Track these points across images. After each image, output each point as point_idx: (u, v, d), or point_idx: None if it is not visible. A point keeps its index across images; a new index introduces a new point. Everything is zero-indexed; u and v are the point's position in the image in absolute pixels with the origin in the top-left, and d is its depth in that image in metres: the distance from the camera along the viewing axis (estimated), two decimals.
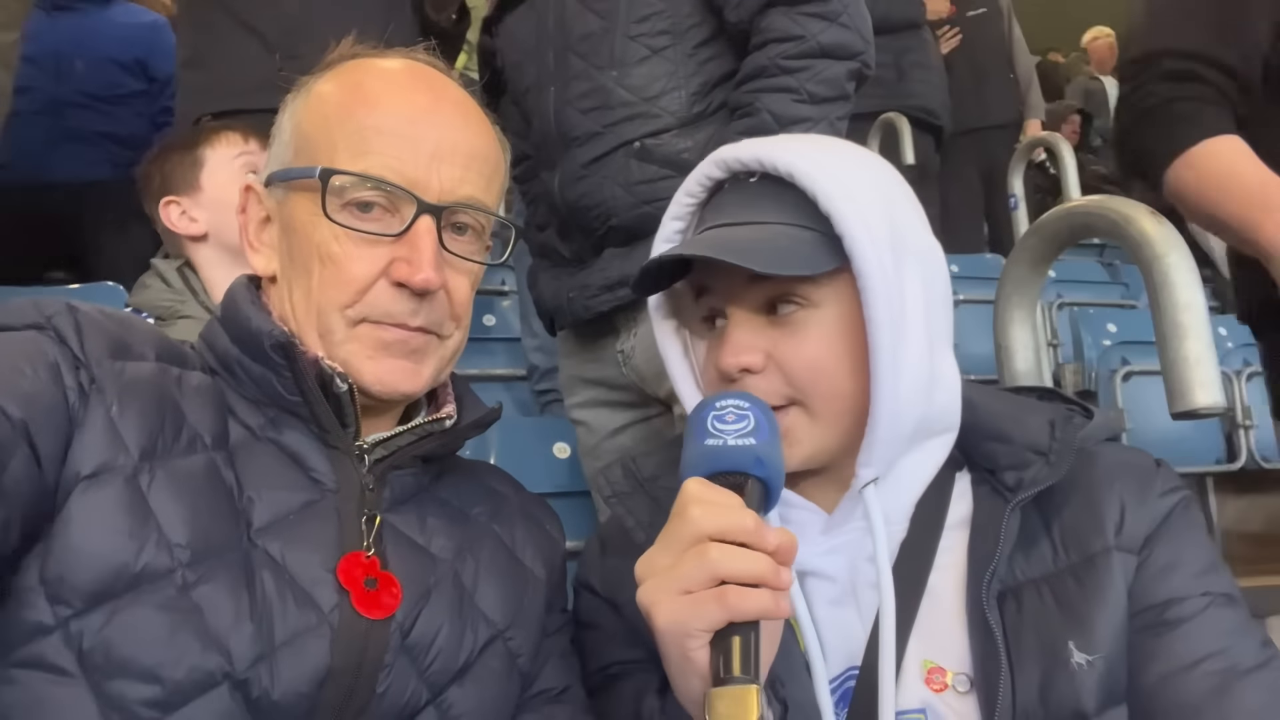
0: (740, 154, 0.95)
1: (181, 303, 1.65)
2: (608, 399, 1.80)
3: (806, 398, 0.90)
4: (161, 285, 1.70)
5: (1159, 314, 1.17)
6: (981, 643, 0.87)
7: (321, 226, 0.86)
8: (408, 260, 0.85)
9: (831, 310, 0.91)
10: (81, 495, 0.74)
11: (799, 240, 0.90)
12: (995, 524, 0.90)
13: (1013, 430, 0.95)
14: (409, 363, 0.88)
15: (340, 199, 0.86)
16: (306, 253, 0.88)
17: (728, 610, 0.70)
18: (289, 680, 0.75)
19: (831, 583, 0.93)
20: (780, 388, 0.90)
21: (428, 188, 0.87)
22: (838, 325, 0.91)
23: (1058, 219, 1.32)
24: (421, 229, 0.86)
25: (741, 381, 0.90)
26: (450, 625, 0.86)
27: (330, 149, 0.87)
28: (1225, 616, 0.88)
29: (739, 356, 0.90)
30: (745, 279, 0.90)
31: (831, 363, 0.90)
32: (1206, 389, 1.13)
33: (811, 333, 0.91)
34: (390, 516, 0.88)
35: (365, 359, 0.86)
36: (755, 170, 0.95)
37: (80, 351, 0.79)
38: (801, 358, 0.90)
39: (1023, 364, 1.36)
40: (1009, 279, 1.38)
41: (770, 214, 0.92)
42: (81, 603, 0.71)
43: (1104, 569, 0.89)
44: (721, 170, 0.98)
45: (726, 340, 0.92)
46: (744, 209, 0.94)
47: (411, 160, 0.86)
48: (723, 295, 0.94)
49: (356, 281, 0.86)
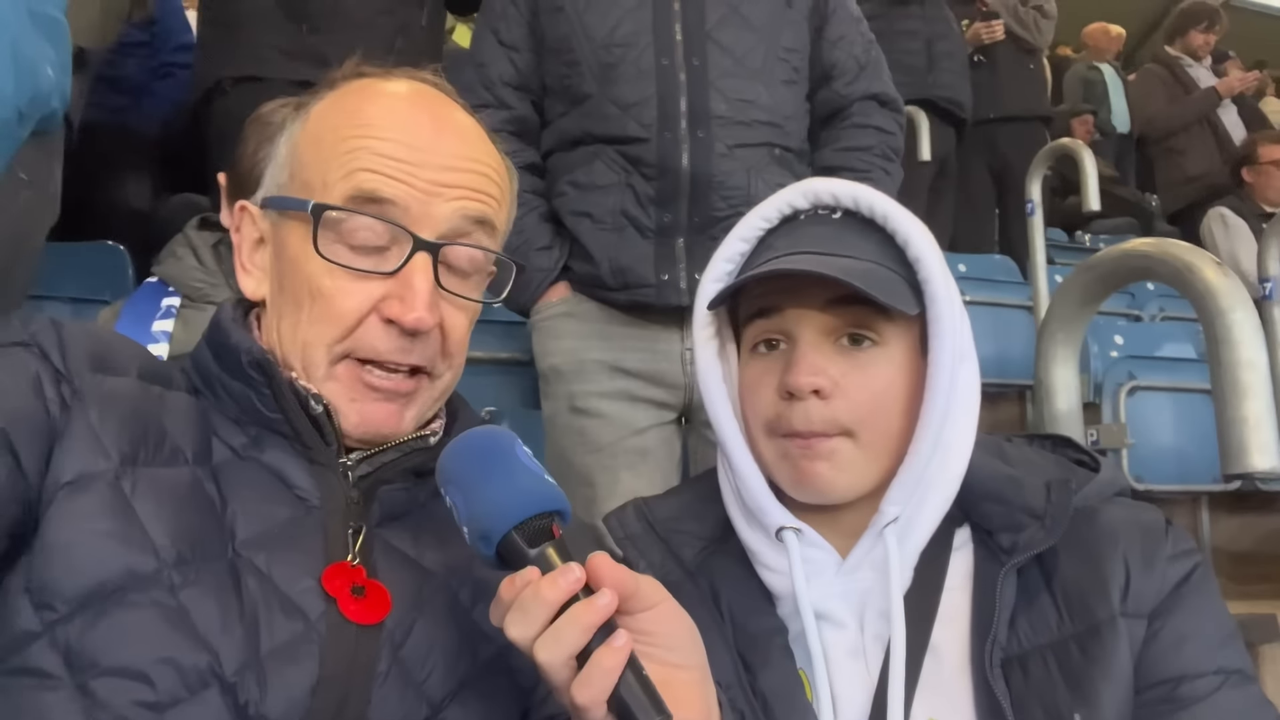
0: (835, 189, 0.99)
1: (213, 286, 1.57)
2: (642, 394, 1.73)
3: (861, 429, 0.92)
4: (194, 261, 1.60)
5: (1218, 369, 1.13)
6: (989, 710, 0.87)
7: (313, 259, 0.84)
8: (400, 298, 0.83)
9: (897, 350, 0.94)
10: (64, 502, 0.74)
11: (890, 278, 0.93)
12: (992, 588, 0.91)
13: (1009, 492, 0.96)
14: (394, 405, 0.86)
15: (333, 233, 0.84)
16: (297, 284, 0.86)
17: (559, 671, 0.69)
18: (279, 688, 0.74)
19: (844, 631, 0.93)
20: (839, 416, 0.92)
21: (426, 217, 0.84)
22: (901, 365, 0.94)
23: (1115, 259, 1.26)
24: (416, 267, 0.83)
25: (805, 404, 0.92)
26: (447, 638, 0.84)
27: (323, 179, 0.85)
28: (1238, 697, 0.87)
29: (813, 376, 0.92)
30: (821, 305, 0.93)
31: (890, 400, 0.93)
32: (1264, 453, 1.09)
33: (880, 369, 0.93)
34: (381, 531, 0.86)
35: (347, 400, 0.85)
36: (840, 207, 0.99)
37: (62, 365, 0.80)
38: (867, 390, 0.93)
39: (1064, 405, 1.32)
40: (1055, 316, 1.33)
41: (859, 250, 0.95)
42: (67, 607, 0.71)
43: (1109, 637, 0.87)
44: (807, 201, 1.00)
45: (800, 360, 0.93)
46: (831, 241, 0.95)
47: (409, 192, 0.84)
48: (794, 319, 0.95)
49: (346, 317, 0.84)
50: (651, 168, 1.68)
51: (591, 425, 1.74)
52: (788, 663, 0.93)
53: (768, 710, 0.91)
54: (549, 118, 1.83)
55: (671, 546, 1.02)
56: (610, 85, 1.71)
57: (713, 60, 1.71)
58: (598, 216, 1.72)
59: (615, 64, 1.71)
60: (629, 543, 1.03)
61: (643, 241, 1.70)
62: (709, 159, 1.67)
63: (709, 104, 1.69)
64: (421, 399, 0.88)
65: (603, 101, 1.72)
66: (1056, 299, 1.34)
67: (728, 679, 0.91)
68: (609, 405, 1.73)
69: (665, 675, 0.71)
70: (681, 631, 0.76)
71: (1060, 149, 3.52)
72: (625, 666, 0.69)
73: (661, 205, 1.68)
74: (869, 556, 0.95)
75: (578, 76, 1.74)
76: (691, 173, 1.67)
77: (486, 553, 0.74)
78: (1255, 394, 1.10)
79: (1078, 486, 0.95)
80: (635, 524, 1.04)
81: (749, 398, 0.99)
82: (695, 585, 0.98)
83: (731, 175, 1.68)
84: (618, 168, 1.71)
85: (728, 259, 1.03)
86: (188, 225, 1.69)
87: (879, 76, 1.90)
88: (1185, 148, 5.72)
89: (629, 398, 1.73)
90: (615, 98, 1.71)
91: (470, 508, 0.75)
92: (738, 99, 1.71)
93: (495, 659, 0.87)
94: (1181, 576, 0.91)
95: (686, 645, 0.76)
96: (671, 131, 1.68)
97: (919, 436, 0.92)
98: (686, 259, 1.68)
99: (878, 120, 1.86)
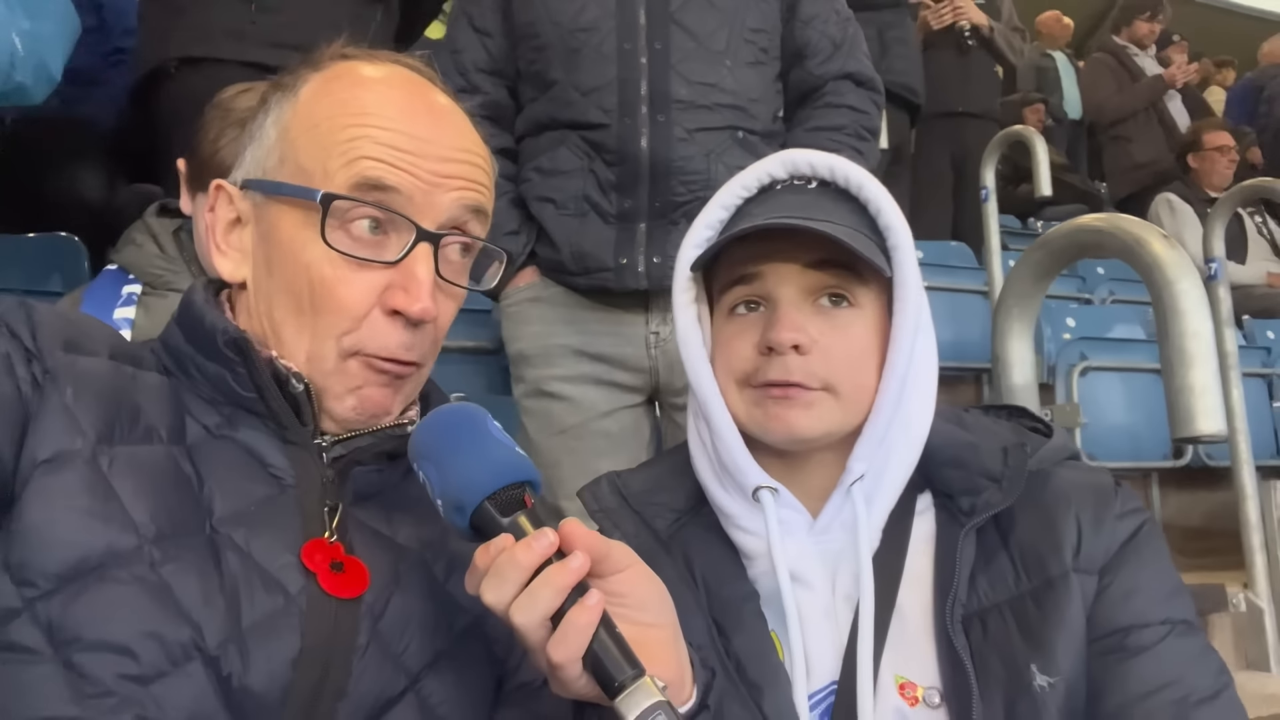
0: (812, 159, 1.04)
1: (174, 273, 1.53)
2: (607, 378, 1.75)
3: (839, 384, 0.96)
4: (154, 248, 1.57)
5: (1166, 340, 1.17)
6: (950, 665, 0.91)
7: (311, 247, 0.84)
8: (404, 288, 0.84)
9: (870, 313, 0.99)
10: (41, 480, 0.73)
11: (865, 242, 0.97)
12: (953, 548, 0.95)
13: (968, 457, 0.99)
14: (390, 390, 0.88)
15: (335, 220, 0.84)
16: (293, 272, 0.85)
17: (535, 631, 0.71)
18: (261, 661, 0.74)
19: (815, 592, 0.96)
20: (820, 371, 0.96)
21: (428, 207, 0.85)
22: (873, 328, 0.99)
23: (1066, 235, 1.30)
24: (419, 257, 0.84)
25: (785, 358, 0.95)
26: (423, 611, 0.85)
27: (324, 166, 0.85)
28: (1183, 646, 0.91)
29: (795, 333, 0.95)
30: (801, 268, 0.97)
31: (864, 360, 0.98)
32: (1209, 417, 1.14)
33: (856, 329, 0.98)
34: (354, 510, 0.86)
35: (349, 390, 0.86)
36: (817, 177, 1.03)
37: (32, 344, 0.79)
38: (845, 349, 0.97)
39: (1020, 378, 1.35)
40: (1011, 292, 1.37)
41: (836, 216, 0.98)
42: (48, 583, 0.71)
43: (1063, 592, 0.91)
44: (785, 171, 1.04)
45: (782, 317, 0.96)
46: (808, 208, 0.99)
47: (413, 182, 0.85)
48: (774, 280, 0.98)
49: (352, 309, 0.84)
50: (612, 153, 1.69)
51: (558, 408, 1.76)
52: (760, 625, 0.96)
53: (741, 672, 0.93)
54: (522, 103, 1.83)
55: (645, 518, 1.04)
56: (573, 70, 1.71)
57: (675, 43, 1.71)
58: (561, 202, 1.73)
59: (579, 49, 1.71)
60: (603, 515, 1.05)
61: (604, 227, 1.70)
62: (669, 144, 1.67)
63: (669, 88, 1.68)
64: (410, 386, 0.90)
65: (566, 87, 1.72)
66: (1012, 276, 1.38)
67: (701, 642, 0.93)
68: (575, 389, 1.75)
69: (638, 634, 0.73)
70: (652, 592, 0.78)
71: (1013, 136, 3.59)
72: (599, 625, 0.71)
73: (622, 191, 1.69)
74: (839, 516, 0.98)
75: (544, 62, 1.75)
76: (651, 158, 1.67)
77: (461, 524, 0.76)
78: (1201, 362, 1.14)
79: (1032, 451, 0.99)
80: (609, 497, 1.06)
81: (723, 353, 1.01)
82: (669, 554, 1.00)
83: (691, 160, 1.68)
84: (580, 153, 1.71)
85: (708, 225, 1.06)
86: (147, 212, 1.65)
87: (854, 55, 1.89)
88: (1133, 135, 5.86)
89: (595, 381, 1.75)
90: (577, 83, 1.71)
91: (444, 480, 0.76)
92: (699, 82, 1.70)
93: (470, 629, 0.88)
94: (1129, 534, 0.95)
95: (657, 605, 0.78)
96: (631, 117, 1.68)
97: (882, 393, 0.96)
98: (647, 243, 1.69)
99: (851, 99, 1.85)
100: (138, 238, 1.59)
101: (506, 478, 0.76)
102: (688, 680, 0.78)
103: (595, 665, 0.71)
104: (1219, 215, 2.96)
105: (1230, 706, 0.89)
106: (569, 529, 0.74)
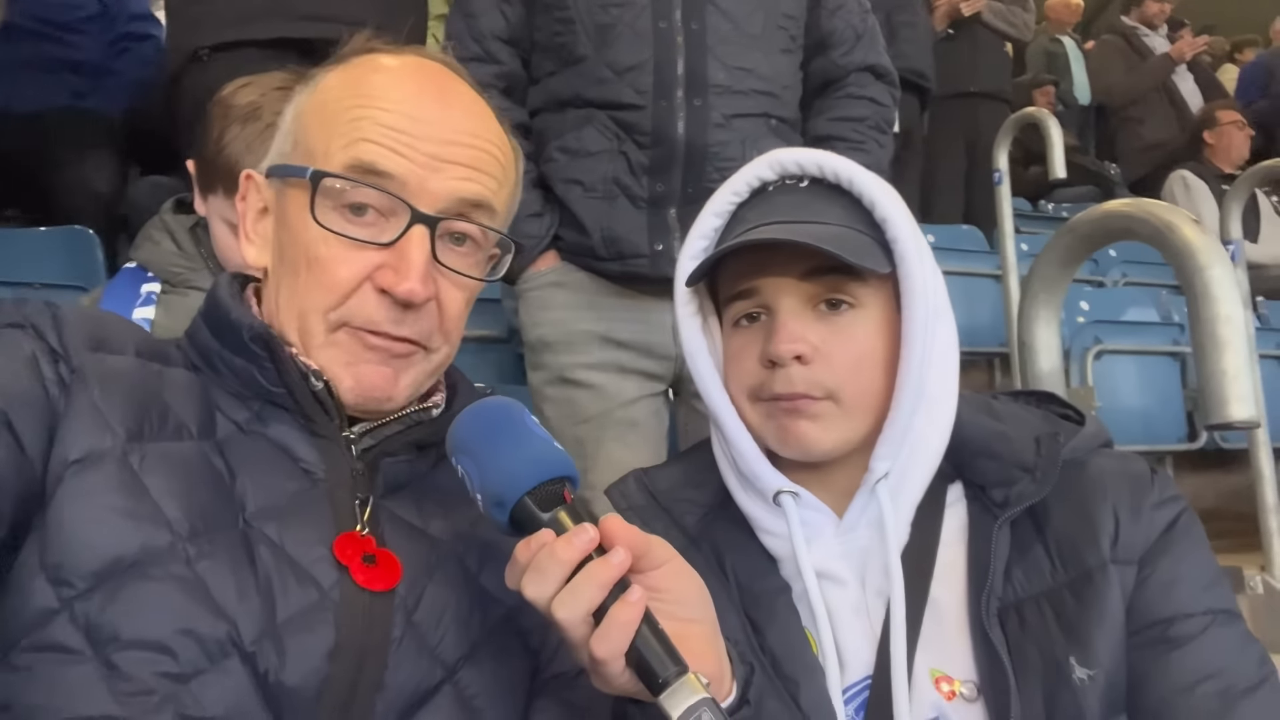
0: (800, 158, 1.00)
1: (193, 271, 1.52)
2: (632, 365, 1.72)
3: (843, 392, 0.95)
4: (172, 245, 1.55)
5: (1198, 325, 1.16)
6: (987, 658, 0.90)
7: (311, 227, 0.84)
8: (394, 269, 0.83)
9: (874, 311, 0.96)
10: (73, 480, 0.73)
11: (860, 241, 0.95)
12: (987, 541, 0.93)
13: (999, 447, 0.98)
14: (388, 369, 0.86)
15: (331, 201, 0.84)
16: (295, 253, 0.86)
17: (577, 627, 0.71)
18: (298, 656, 0.74)
19: (846, 589, 0.95)
20: (823, 379, 0.94)
21: (423, 191, 0.84)
22: (878, 326, 0.96)
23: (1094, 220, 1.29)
24: (413, 238, 0.83)
25: (788, 369, 0.94)
26: (457, 602, 0.85)
27: (325, 147, 0.85)
28: (1226, 636, 0.90)
29: (794, 344, 0.94)
30: (799, 275, 0.95)
31: (871, 361, 0.95)
32: (1242, 403, 1.13)
33: (859, 331, 0.95)
34: (385, 502, 0.86)
35: (343, 365, 0.85)
36: (808, 176, 1.00)
37: (58, 344, 0.79)
38: (848, 354, 0.95)
39: (1046, 364, 1.34)
40: (1037, 277, 1.36)
41: (828, 215, 0.96)
42: (84, 583, 0.71)
43: (1101, 583, 0.90)
44: (774, 172, 1.02)
45: (780, 328, 0.95)
46: (801, 209, 0.97)
47: (408, 165, 0.84)
48: (772, 291, 0.96)
49: (341, 285, 0.84)
50: (646, 135, 1.65)
51: (580, 396, 1.73)
52: (793, 620, 0.95)
53: (776, 667, 0.93)
54: (536, 75, 1.78)
55: (674, 515, 1.03)
56: (605, 47, 1.66)
57: (711, 24, 1.67)
58: (589, 184, 1.69)
59: (611, 25, 1.66)
60: (632, 513, 1.04)
61: (635, 211, 1.67)
62: (705, 129, 1.64)
63: (706, 71, 1.65)
64: (415, 369, 0.88)
65: (597, 64, 1.67)
66: (1039, 261, 1.36)
67: (735, 637, 0.92)
68: (598, 376, 1.72)
69: (678, 630, 0.73)
70: (691, 588, 0.78)
71: (1026, 118, 3.56)
72: (641, 621, 0.71)
73: (654, 174, 1.66)
74: (865, 515, 0.97)
75: (571, 35, 1.69)
76: (686, 142, 1.64)
77: (500, 519, 0.75)
78: (1233, 347, 1.13)
79: (1065, 440, 0.97)
80: (638, 495, 1.06)
81: (732, 368, 1.01)
82: (699, 551, 1.00)
83: (727, 146, 1.65)
84: (610, 134, 1.67)
85: (702, 235, 1.05)
86: (163, 209, 1.64)
87: (874, 47, 1.88)
88: (1144, 116, 5.83)
89: (618, 369, 1.72)
90: (610, 61, 1.66)
91: (484, 476, 0.76)
92: (736, 67, 1.67)
93: (505, 621, 0.88)
94: (1168, 522, 0.94)
95: (696, 600, 0.78)
96: (667, 99, 1.64)
97: (899, 391, 0.94)
98: (679, 229, 1.66)
99: (873, 92, 1.84)
100: (155, 235, 1.59)
101: (546, 473, 0.75)
102: (727, 676, 0.78)
103: (638, 662, 0.71)
104: (1236, 197, 2.94)
105: (1274, 695, 0.88)
106: (609, 524, 0.74)
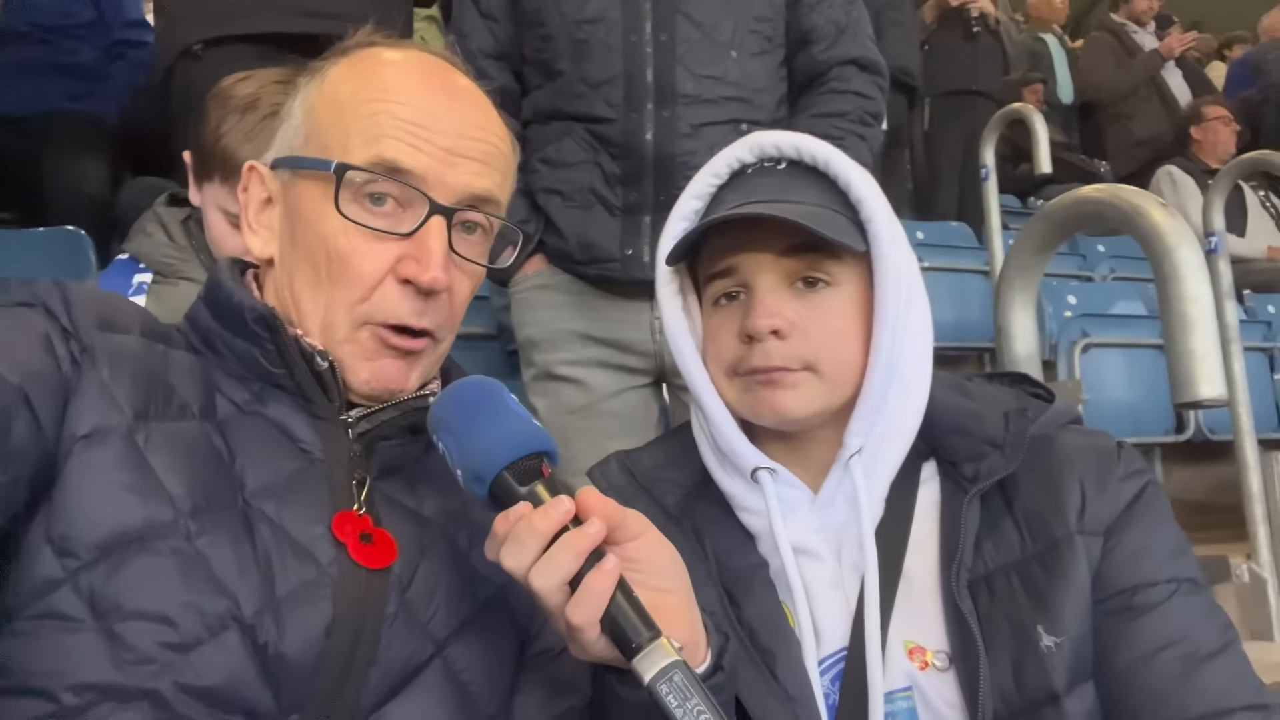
0: (778, 141, 1.03)
1: (184, 261, 1.54)
2: (615, 361, 1.78)
3: (819, 361, 0.97)
4: (164, 237, 1.58)
5: (1166, 306, 1.18)
6: (958, 629, 0.92)
7: (330, 219, 0.86)
8: (416, 259, 0.86)
9: (849, 290, 0.99)
10: (80, 455, 0.75)
11: (836, 220, 0.97)
12: (957, 514, 0.96)
13: (971, 424, 1.01)
14: (404, 364, 0.89)
15: (351, 193, 0.86)
16: (312, 243, 0.88)
17: (553, 595, 0.73)
18: (296, 629, 0.76)
19: (822, 564, 0.98)
20: (800, 353, 0.97)
21: (441, 184, 0.87)
22: (853, 304, 0.99)
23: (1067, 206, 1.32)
24: (432, 229, 0.86)
25: (765, 344, 0.96)
26: (448, 581, 0.87)
27: (344, 140, 0.87)
28: (1189, 603, 0.92)
29: (771, 319, 0.96)
30: (777, 253, 0.98)
31: (846, 336, 0.98)
32: (1210, 382, 1.15)
33: (834, 308, 0.98)
34: (380, 484, 0.88)
35: (362, 359, 0.88)
36: (785, 158, 1.03)
37: (69, 323, 0.81)
38: (823, 329, 0.97)
39: (1022, 349, 1.37)
40: (1013, 263, 1.38)
41: (805, 196, 0.99)
42: (89, 554, 0.73)
43: (1067, 554, 0.92)
44: (753, 155, 1.05)
45: (757, 305, 0.97)
46: (779, 190, 0.99)
47: (426, 156, 0.86)
48: (751, 267, 0.99)
49: (365, 279, 0.86)
50: (617, 147, 1.71)
51: (565, 390, 1.80)
52: (770, 595, 0.98)
53: (754, 639, 0.95)
54: (527, 88, 1.84)
55: (655, 495, 1.06)
56: (581, 62, 1.72)
57: (681, 34, 1.71)
58: (567, 194, 1.76)
59: (585, 40, 1.72)
60: (614, 493, 1.04)
61: (610, 219, 1.73)
62: (673, 139, 1.69)
63: (675, 81, 1.69)
64: (426, 360, 0.91)
65: (573, 79, 1.73)
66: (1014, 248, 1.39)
67: (714, 610, 0.94)
68: (581, 372, 1.79)
69: (653, 599, 0.75)
70: (666, 558, 0.80)
71: (1012, 114, 3.59)
72: (615, 588, 0.73)
73: (627, 184, 1.72)
74: (840, 490, 0.99)
75: (550, 51, 1.76)
76: (655, 152, 1.69)
77: (480, 493, 0.78)
78: (1201, 327, 1.16)
79: (1034, 416, 1.00)
80: (619, 475, 1.09)
81: (711, 345, 1.03)
82: (679, 529, 1.02)
83: (695, 155, 1.67)
84: (586, 146, 1.74)
85: (682, 217, 1.08)
86: (157, 202, 1.67)
87: (858, 39, 1.89)
88: (1133, 112, 5.85)
89: (600, 364, 1.78)
90: (585, 75, 1.72)
91: (463, 451, 0.78)
92: (705, 75, 1.71)
93: (494, 598, 0.90)
94: (1134, 495, 0.96)
95: (671, 571, 0.80)
96: (637, 111, 1.70)
97: (871, 367, 0.97)
98: (651, 235, 1.71)
99: (856, 85, 1.86)
100: (148, 227, 1.61)
101: (524, 448, 0.77)
102: (702, 643, 0.80)
103: (613, 628, 0.73)
104: (1218, 189, 2.96)
105: (1236, 661, 0.90)
106: (585, 497, 0.76)
